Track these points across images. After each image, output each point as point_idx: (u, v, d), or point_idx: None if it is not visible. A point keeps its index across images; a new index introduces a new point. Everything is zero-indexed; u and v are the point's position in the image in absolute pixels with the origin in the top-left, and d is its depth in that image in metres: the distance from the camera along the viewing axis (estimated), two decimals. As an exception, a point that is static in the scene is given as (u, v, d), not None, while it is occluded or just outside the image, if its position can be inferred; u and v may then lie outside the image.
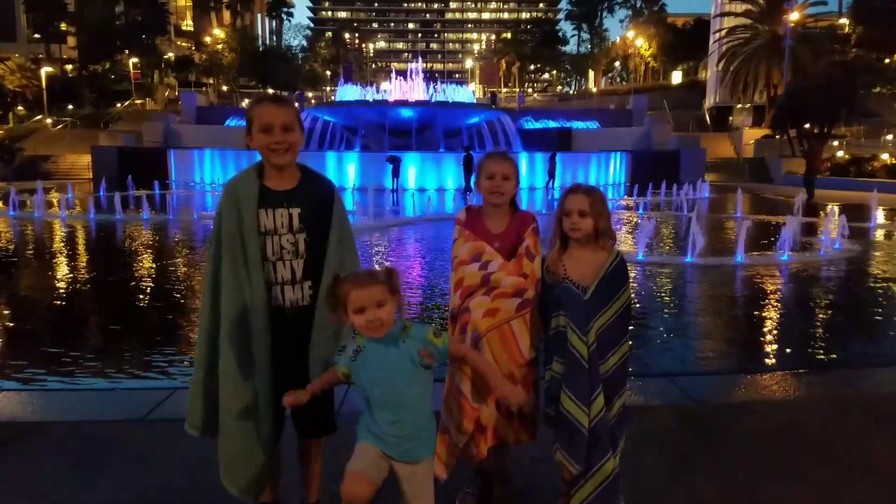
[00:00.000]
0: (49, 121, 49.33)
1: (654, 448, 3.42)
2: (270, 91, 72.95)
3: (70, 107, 53.55)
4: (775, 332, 6.40)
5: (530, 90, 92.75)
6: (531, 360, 2.71)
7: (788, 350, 5.79)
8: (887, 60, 50.36)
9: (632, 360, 2.73)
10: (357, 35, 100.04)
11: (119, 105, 56.50)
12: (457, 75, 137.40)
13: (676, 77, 74.79)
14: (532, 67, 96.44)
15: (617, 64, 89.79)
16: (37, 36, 71.61)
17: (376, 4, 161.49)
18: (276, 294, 2.46)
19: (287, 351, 2.48)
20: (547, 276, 2.70)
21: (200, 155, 31.93)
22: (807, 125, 34.39)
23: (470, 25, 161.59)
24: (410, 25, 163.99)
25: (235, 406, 2.41)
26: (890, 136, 37.19)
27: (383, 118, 32.13)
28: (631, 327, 2.74)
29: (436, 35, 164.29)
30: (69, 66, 69.86)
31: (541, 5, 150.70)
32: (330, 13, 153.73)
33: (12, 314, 6.96)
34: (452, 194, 24.38)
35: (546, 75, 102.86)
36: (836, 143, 37.30)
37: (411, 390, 2.20)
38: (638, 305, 7.11)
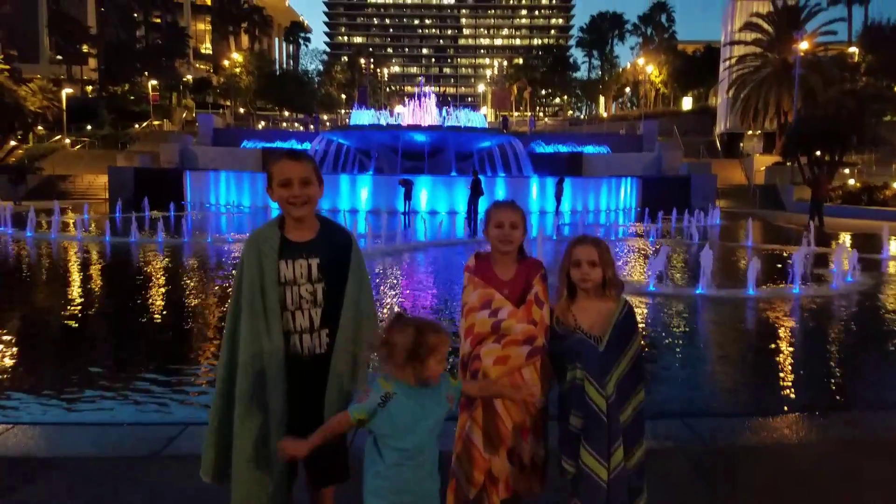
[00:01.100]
0: (68, 141, 50.20)
1: (663, 496, 3.38)
2: (286, 112, 73.96)
3: (89, 127, 54.50)
4: (789, 370, 6.32)
5: (541, 114, 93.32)
6: (542, 407, 2.75)
7: (803, 390, 5.71)
8: (897, 88, 50.33)
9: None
10: (372, 60, 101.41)
11: (137, 126, 57.45)
12: (469, 99, 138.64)
13: (687, 103, 75.05)
14: (543, 92, 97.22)
15: (627, 90, 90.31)
16: (59, 57, 73.18)
17: (391, 30, 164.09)
18: (295, 342, 2.53)
19: (303, 398, 2.53)
20: (557, 327, 2.72)
21: (216, 176, 32.35)
22: (817, 153, 34.37)
23: (482, 51, 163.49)
24: (424, 51, 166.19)
25: (250, 454, 2.46)
26: (902, 165, 37.04)
27: (396, 142, 32.51)
28: (646, 376, 2.75)
29: (449, 60, 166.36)
30: (89, 87, 71.28)
31: (552, 32, 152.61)
32: (346, 38, 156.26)
33: (24, 340, 7.02)
34: (463, 218, 24.50)
35: (557, 100, 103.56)
36: (847, 170, 37.20)
37: (435, 432, 2.26)
38: (647, 341, 7.09)
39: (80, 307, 8.63)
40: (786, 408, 5.22)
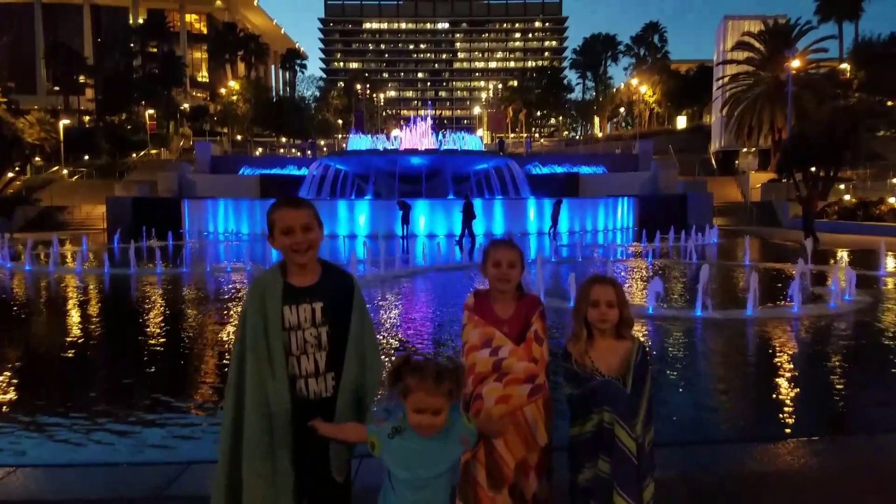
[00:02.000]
0: (65, 171, 50.43)
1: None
2: (283, 138, 74.38)
3: (86, 157, 54.76)
4: (789, 394, 6.29)
5: (537, 135, 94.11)
6: (544, 446, 2.77)
7: (804, 414, 5.70)
8: (890, 103, 50.87)
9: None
10: (368, 85, 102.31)
11: (135, 155, 57.74)
12: (465, 121, 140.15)
13: (681, 122, 75.78)
14: (538, 114, 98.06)
15: (622, 109, 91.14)
16: (56, 88, 73.83)
17: (387, 55, 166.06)
18: (301, 387, 2.55)
19: (310, 443, 2.54)
20: (577, 368, 2.71)
21: (214, 205, 32.44)
22: (812, 168, 34.63)
23: (477, 74, 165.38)
24: (420, 75, 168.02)
25: (259, 500, 2.46)
26: (895, 180, 37.32)
27: (393, 166, 32.70)
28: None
29: (444, 83, 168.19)
30: (87, 117, 71.80)
31: (546, 54, 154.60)
32: (342, 64, 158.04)
33: (21, 378, 6.95)
34: (457, 242, 24.57)
35: (552, 121, 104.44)
36: (842, 186, 37.45)
37: (443, 472, 2.29)
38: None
39: (77, 343, 8.58)
40: (787, 431, 5.22)
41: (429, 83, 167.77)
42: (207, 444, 4.69)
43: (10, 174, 40.42)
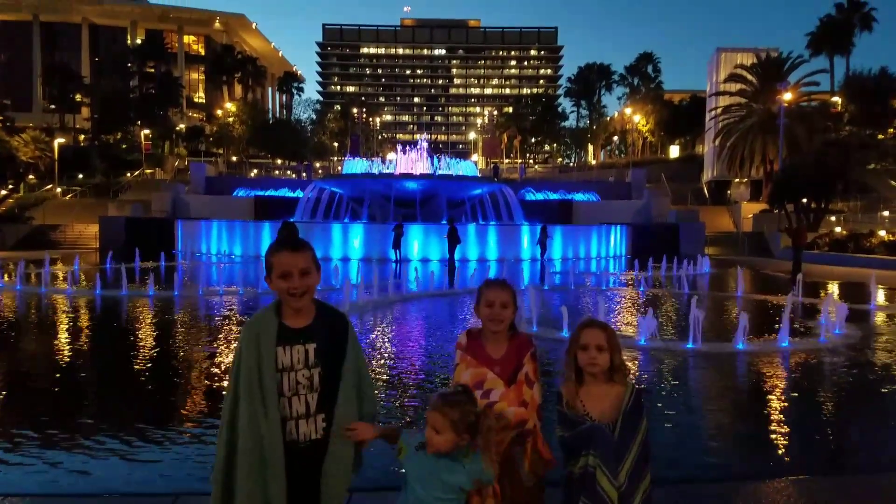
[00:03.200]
0: (59, 190, 50.29)
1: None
2: (279, 160, 74.52)
3: (80, 176, 54.69)
4: (780, 431, 6.28)
5: (531, 161, 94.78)
6: (532, 486, 2.77)
7: (794, 452, 5.69)
8: (880, 136, 51.63)
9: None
10: (364, 108, 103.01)
11: (129, 174, 57.70)
12: (460, 146, 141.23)
13: (674, 151, 76.51)
14: (533, 140, 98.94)
15: (615, 138, 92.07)
16: (52, 106, 73.97)
17: (383, 80, 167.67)
18: (291, 428, 2.53)
19: (301, 485, 2.53)
20: (567, 411, 2.73)
21: (207, 226, 32.38)
22: (804, 200, 34.98)
23: (473, 100, 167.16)
24: (416, 99, 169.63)
25: None
26: (886, 213, 37.68)
27: (389, 190, 32.83)
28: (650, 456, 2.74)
29: (440, 108, 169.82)
30: (82, 136, 71.85)
31: (541, 82, 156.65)
32: (338, 87, 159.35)
33: (4, 404, 6.86)
34: (457, 266, 24.60)
35: (547, 147, 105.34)
36: (833, 218, 37.79)
37: (453, 497, 2.43)
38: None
39: (63, 368, 8.47)
40: (784, 470, 5.19)
41: (425, 108, 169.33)
42: (197, 475, 4.63)
43: (3, 192, 40.29)
